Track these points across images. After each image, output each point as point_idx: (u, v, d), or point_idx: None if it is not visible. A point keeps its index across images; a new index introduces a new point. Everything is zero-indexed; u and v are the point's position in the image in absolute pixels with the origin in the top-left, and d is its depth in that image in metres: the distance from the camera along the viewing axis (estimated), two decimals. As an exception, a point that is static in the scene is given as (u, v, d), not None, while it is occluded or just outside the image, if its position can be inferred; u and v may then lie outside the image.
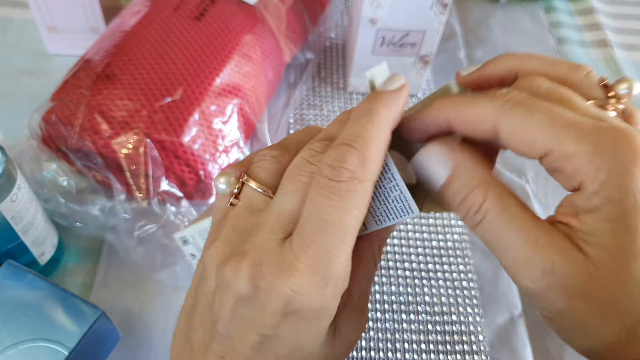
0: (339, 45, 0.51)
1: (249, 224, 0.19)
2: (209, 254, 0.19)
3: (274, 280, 0.17)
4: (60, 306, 0.27)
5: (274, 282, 0.17)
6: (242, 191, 0.20)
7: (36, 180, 0.34)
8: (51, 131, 0.34)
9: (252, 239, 0.18)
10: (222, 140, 0.35)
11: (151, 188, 0.33)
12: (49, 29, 0.45)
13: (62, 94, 0.34)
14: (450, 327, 0.34)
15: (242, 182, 0.20)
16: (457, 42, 0.53)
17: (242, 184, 0.20)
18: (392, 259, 0.37)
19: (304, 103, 0.46)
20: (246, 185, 0.20)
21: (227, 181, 0.20)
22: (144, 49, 0.35)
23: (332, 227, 0.17)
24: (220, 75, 0.36)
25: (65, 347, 0.26)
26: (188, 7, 0.38)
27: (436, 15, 0.40)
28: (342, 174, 0.17)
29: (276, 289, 0.17)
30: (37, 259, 0.32)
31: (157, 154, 0.33)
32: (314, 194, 0.17)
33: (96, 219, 0.34)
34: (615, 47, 0.54)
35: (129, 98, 0.33)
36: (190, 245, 0.30)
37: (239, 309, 0.18)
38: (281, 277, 0.17)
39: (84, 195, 0.35)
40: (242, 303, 0.18)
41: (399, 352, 0.33)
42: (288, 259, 0.17)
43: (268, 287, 0.17)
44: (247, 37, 0.38)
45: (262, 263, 0.18)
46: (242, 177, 0.20)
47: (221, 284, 0.18)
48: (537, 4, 0.58)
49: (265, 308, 0.18)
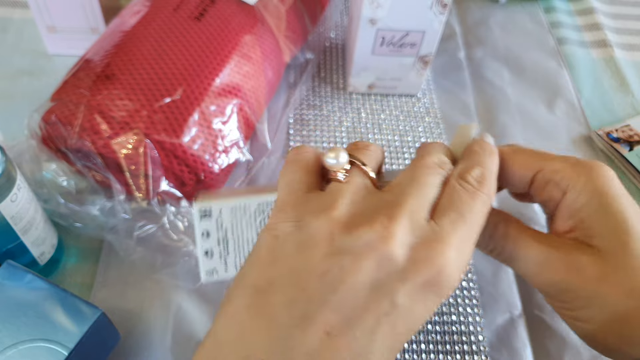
0: (339, 45, 0.51)
1: (371, 201, 0.20)
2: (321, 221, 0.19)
3: (427, 250, 0.19)
4: (60, 306, 0.27)
5: (427, 252, 0.18)
6: (351, 172, 0.21)
7: (36, 180, 0.34)
8: (51, 131, 0.34)
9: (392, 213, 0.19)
10: (221, 141, 0.35)
11: (151, 188, 0.33)
12: (48, 29, 0.45)
13: (61, 94, 0.34)
14: (450, 327, 0.34)
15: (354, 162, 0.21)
16: (456, 42, 0.53)
17: (353, 164, 0.21)
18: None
19: (304, 103, 0.46)
20: (357, 166, 0.21)
21: (336, 156, 0.21)
22: (144, 49, 0.35)
23: (472, 221, 0.20)
24: (220, 76, 0.36)
25: (65, 348, 0.26)
26: (188, 7, 0.38)
27: (436, 15, 0.40)
28: (483, 187, 0.21)
29: (430, 258, 0.18)
30: (36, 259, 0.32)
31: (157, 154, 0.33)
32: (459, 191, 0.21)
33: (96, 219, 0.34)
34: (615, 47, 0.54)
35: (128, 98, 0.33)
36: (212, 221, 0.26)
37: (379, 275, 0.18)
38: (435, 248, 0.19)
39: (84, 195, 0.35)
40: (386, 268, 0.18)
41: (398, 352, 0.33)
42: (439, 235, 0.19)
43: (421, 257, 0.18)
44: (246, 37, 0.38)
45: (414, 233, 0.19)
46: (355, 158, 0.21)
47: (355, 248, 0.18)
48: (537, 4, 0.58)
49: (408, 275, 0.18)
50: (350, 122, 0.45)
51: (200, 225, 0.26)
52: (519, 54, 0.52)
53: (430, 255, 0.18)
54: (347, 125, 0.45)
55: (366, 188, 0.21)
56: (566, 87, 0.50)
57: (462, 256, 0.20)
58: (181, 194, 0.34)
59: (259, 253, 0.20)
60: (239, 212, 0.26)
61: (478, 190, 0.21)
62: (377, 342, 0.18)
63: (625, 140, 0.44)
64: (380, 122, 0.45)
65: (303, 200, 0.20)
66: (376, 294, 0.18)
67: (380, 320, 0.18)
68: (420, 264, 0.18)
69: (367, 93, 0.47)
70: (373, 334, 0.18)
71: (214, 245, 0.26)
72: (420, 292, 0.18)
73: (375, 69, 0.44)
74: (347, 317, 0.18)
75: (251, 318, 0.18)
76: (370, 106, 0.46)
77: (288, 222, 0.20)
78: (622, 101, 0.49)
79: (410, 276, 0.18)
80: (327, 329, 0.17)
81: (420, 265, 0.18)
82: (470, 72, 0.50)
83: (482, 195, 0.21)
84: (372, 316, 0.18)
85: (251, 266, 0.20)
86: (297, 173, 0.21)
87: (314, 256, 0.18)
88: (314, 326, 0.17)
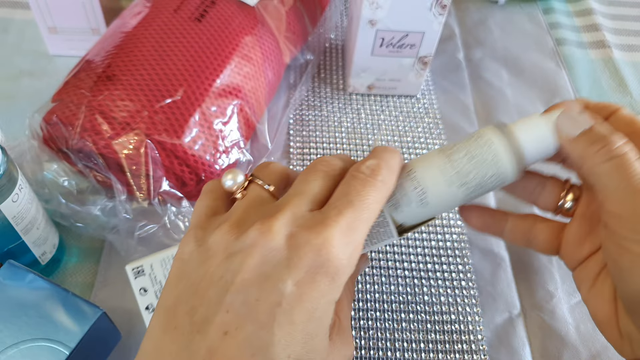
0: (339, 46, 0.51)
1: (262, 209, 0.21)
2: (217, 232, 0.20)
3: (306, 234, 0.19)
4: (61, 306, 0.28)
5: (306, 235, 0.19)
6: (249, 189, 0.22)
7: (37, 180, 0.34)
8: (52, 132, 0.34)
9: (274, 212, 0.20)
10: (222, 141, 0.36)
11: (152, 188, 0.33)
12: (49, 29, 0.45)
13: (62, 94, 0.34)
14: (449, 326, 0.34)
15: (249, 179, 0.22)
16: (456, 43, 0.53)
17: (250, 181, 0.22)
18: (392, 259, 0.37)
19: (304, 104, 0.46)
20: (253, 183, 0.22)
21: (233, 177, 0.22)
22: (145, 49, 0.35)
23: (362, 206, 0.20)
24: (220, 76, 0.36)
25: (66, 347, 0.26)
26: (188, 8, 0.38)
27: (435, 16, 0.40)
28: (376, 173, 0.21)
29: (308, 241, 0.19)
30: (38, 259, 0.32)
31: (158, 154, 0.33)
32: (350, 180, 0.21)
33: (97, 219, 0.34)
34: (613, 48, 0.54)
35: (129, 99, 0.33)
36: (146, 278, 0.28)
37: (263, 268, 0.19)
38: (314, 231, 0.19)
39: (85, 195, 0.35)
40: (269, 260, 0.19)
41: (398, 351, 0.33)
42: (319, 219, 0.20)
43: (300, 240, 0.19)
44: (247, 38, 0.39)
45: (292, 222, 0.20)
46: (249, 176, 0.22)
47: (242, 249, 0.19)
48: (536, 5, 0.58)
49: (293, 262, 0.19)
50: (350, 123, 0.45)
51: (136, 283, 0.28)
52: (518, 55, 0.53)
53: (310, 238, 0.19)
54: (347, 126, 0.45)
55: (262, 199, 0.22)
56: (565, 87, 0.50)
57: (350, 239, 0.20)
58: (182, 194, 0.34)
59: (169, 278, 0.21)
60: (169, 263, 0.28)
61: (369, 177, 0.21)
62: (276, 335, 0.18)
63: (623, 141, 0.45)
64: (379, 123, 0.45)
65: (206, 223, 0.21)
66: (264, 287, 0.19)
67: (273, 311, 0.18)
68: (301, 249, 0.19)
69: (366, 94, 0.47)
70: (269, 327, 0.18)
71: (153, 299, 0.28)
72: (308, 278, 0.19)
73: (375, 69, 0.45)
74: (240, 315, 0.19)
75: (163, 333, 0.20)
76: (370, 107, 0.46)
77: (190, 243, 0.21)
78: (621, 102, 0.50)
79: (294, 263, 0.19)
80: (224, 329, 0.18)
81: (301, 250, 0.19)
82: (470, 73, 0.50)
83: (373, 181, 0.21)
84: (264, 309, 0.18)
85: (163, 290, 0.21)
86: (204, 201, 0.23)
87: (210, 265, 0.20)
88: (212, 328, 0.19)
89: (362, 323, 0.34)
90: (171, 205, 0.34)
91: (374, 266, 0.36)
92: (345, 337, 0.22)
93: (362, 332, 0.33)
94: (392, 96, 0.47)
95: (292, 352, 0.19)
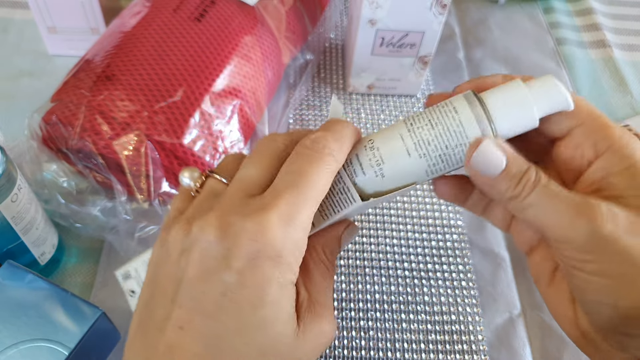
0: (339, 45, 0.51)
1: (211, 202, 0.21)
2: (172, 231, 0.21)
3: (242, 221, 0.19)
4: (60, 306, 0.28)
5: (242, 223, 0.19)
6: (205, 184, 0.22)
7: (36, 181, 0.34)
8: (51, 132, 0.34)
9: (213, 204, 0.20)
10: (222, 142, 0.35)
11: (152, 189, 0.33)
12: (49, 29, 0.45)
13: (62, 94, 0.34)
14: (450, 326, 0.34)
15: (205, 175, 0.22)
16: (456, 43, 0.53)
17: (206, 177, 0.22)
18: (392, 259, 0.37)
19: (304, 103, 0.46)
20: (209, 177, 0.22)
21: (190, 175, 0.22)
22: (144, 49, 0.35)
23: (304, 182, 0.20)
24: (220, 76, 0.36)
25: (66, 347, 0.26)
26: (188, 8, 0.38)
27: (435, 16, 0.40)
28: (321, 146, 0.20)
29: (244, 228, 0.19)
30: (37, 259, 0.32)
31: (158, 155, 0.33)
32: (293, 157, 0.20)
33: (96, 220, 0.34)
34: (614, 48, 0.54)
35: (129, 99, 0.33)
36: (132, 280, 0.29)
37: (205, 262, 0.19)
38: (249, 218, 0.19)
39: (84, 196, 0.35)
40: (209, 253, 0.19)
41: (398, 351, 0.33)
42: (256, 205, 0.19)
43: (236, 229, 0.19)
44: (247, 38, 0.38)
45: (229, 213, 0.19)
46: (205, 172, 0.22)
47: (188, 245, 0.20)
48: (536, 5, 0.58)
49: (231, 252, 0.19)
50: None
51: (125, 286, 0.29)
52: (518, 54, 0.53)
53: (246, 225, 0.19)
54: (347, 126, 0.45)
55: (215, 193, 0.21)
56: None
57: (292, 219, 0.19)
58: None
59: (144, 281, 0.22)
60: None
61: (314, 152, 0.20)
62: (226, 323, 0.19)
63: (624, 141, 0.45)
64: (379, 122, 0.45)
65: (169, 223, 0.22)
66: (208, 279, 0.19)
67: (219, 301, 0.19)
68: (238, 237, 0.19)
69: (366, 93, 0.47)
70: (217, 316, 0.19)
71: None
72: (249, 264, 0.19)
73: (375, 69, 0.44)
74: (190, 309, 0.19)
75: (134, 334, 0.21)
76: (370, 106, 0.46)
77: (157, 245, 0.22)
78: (621, 101, 0.50)
79: (232, 253, 0.19)
80: (179, 324, 0.19)
81: (238, 239, 0.19)
82: (470, 73, 0.50)
83: (319, 155, 0.20)
84: (210, 300, 0.19)
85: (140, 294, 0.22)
86: (173, 204, 0.23)
87: (168, 264, 0.20)
88: (169, 324, 0.19)
89: (362, 323, 0.34)
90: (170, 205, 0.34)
91: (374, 266, 0.36)
92: (318, 311, 0.22)
93: (362, 332, 0.33)
94: (392, 96, 0.47)
95: (249, 340, 0.19)
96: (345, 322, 0.34)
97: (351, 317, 0.34)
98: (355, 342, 0.33)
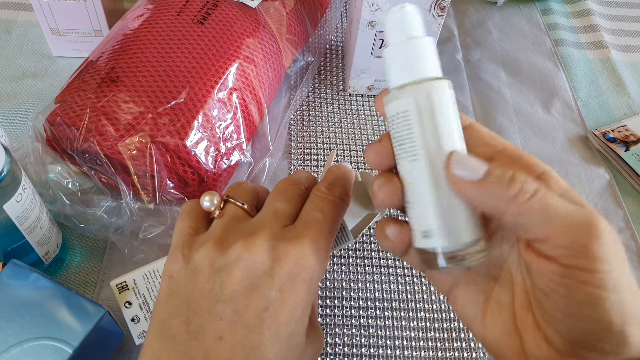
0: (339, 47, 0.52)
1: (240, 227, 0.23)
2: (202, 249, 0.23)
3: (285, 246, 0.22)
4: (64, 305, 0.28)
5: (285, 247, 0.22)
6: (225, 207, 0.25)
7: (41, 181, 0.35)
8: (56, 133, 0.34)
9: (254, 229, 0.23)
10: (224, 143, 0.36)
11: (157, 189, 0.33)
12: (52, 31, 0.46)
13: (66, 96, 0.35)
14: (449, 324, 0.34)
15: (224, 200, 0.25)
16: (454, 44, 0.53)
17: (225, 201, 0.25)
18: (391, 257, 0.37)
19: (305, 104, 0.46)
20: (229, 202, 0.25)
21: (210, 199, 0.25)
22: (148, 52, 0.35)
23: (327, 219, 0.23)
24: (222, 78, 0.36)
25: (70, 346, 0.27)
26: (191, 10, 0.38)
27: (434, 17, 0.40)
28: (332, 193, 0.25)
29: (288, 252, 0.22)
30: (41, 259, 0.33)
31: (161, 155, 0.33)
32: (314, 199, 0.24)
33: (101, 220, 0.34)
34: (611, 49, 0.54)
35: (133, 101, 0.33)
36: (129, 292, 0.30)
37: (249, 278, 0.22)
38: (291, 244, 0.22)
39: (89, 196, 0.35)
40: (253, 271, 0.22)
41: (397, 349, 0.33)
42: (294, 233, 0.23)
43: (280, 253, 0.22)
44: (249, 40, 0.39)
45: (272, 238, 0.22)
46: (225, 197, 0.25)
47: (228, 264, 0.22)
48: (534, 6, 0.59)
49: (274, 272, 0.22)
50: (350, 123, 0.45)
51: (121, 298, 0.30)
52: (516, 56, 0.53)
53: (288, 249, 0.22)
54: (347, 126, 0.45)
55: (238, 217, 0.24)
56: (563, 88, 0.50)
57: (319, 247, 0.23)
58: (184, 195, 0.35)
59: (160, 294, 0.23)
60: (151, 277, 0.30)
61: (328, 195, 0.24)
62: (265, 336, 0.21)
63: (621, 141, 0.45)
64: (379, 123, 0.45)
65: (189, 241, 0.24)
66: (251, 295, 0.21)
67: (261, 316, 0.21)
68: (281, 259, 0.22)
69: (366, 94, 0.47)
70: (259, 329, 0.21)
71: (138, 311, 0.30)
72: (289, 284, 0.22)
73: (375, 70, 0.45)
74: (232, 321, 0.21)
75: (159, 343, 0.22)
76: (370, 107, 0.47)
77: (178, 261, 0.23)
78: (618, 102, 0.50)
79: (276, 272, 0.22)
80: (219, 335, 0.21)
81: (282, 261, 0.22)
82: (468, 74, 0.51)
83: (331, 198, 0.24)
84: (253, 314, 0.21)
85: (156, 306, 0.23)
86: (185, 221, 0.25)
87: (199, 280, 0.22)
88: (207, 335, 0.21)
89: (362, 321, 0.34)
90: (175, 205, 0.34)
91: (374, 264, 0.37)
92: (317, 332, 0.25)
93: (363, 330, 0.34)
94: (391, 97, 0.47)
95: (279, 350, 0.21)
96: (345, 319, 0.34)
97: (351, 315, 0.34)
98: (356, 339, 0.33)
